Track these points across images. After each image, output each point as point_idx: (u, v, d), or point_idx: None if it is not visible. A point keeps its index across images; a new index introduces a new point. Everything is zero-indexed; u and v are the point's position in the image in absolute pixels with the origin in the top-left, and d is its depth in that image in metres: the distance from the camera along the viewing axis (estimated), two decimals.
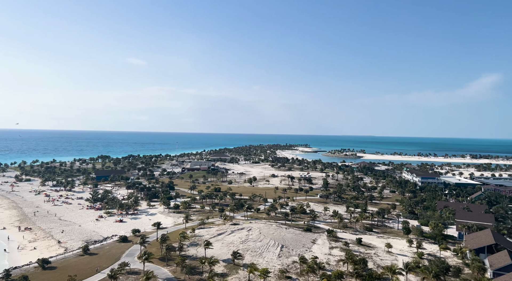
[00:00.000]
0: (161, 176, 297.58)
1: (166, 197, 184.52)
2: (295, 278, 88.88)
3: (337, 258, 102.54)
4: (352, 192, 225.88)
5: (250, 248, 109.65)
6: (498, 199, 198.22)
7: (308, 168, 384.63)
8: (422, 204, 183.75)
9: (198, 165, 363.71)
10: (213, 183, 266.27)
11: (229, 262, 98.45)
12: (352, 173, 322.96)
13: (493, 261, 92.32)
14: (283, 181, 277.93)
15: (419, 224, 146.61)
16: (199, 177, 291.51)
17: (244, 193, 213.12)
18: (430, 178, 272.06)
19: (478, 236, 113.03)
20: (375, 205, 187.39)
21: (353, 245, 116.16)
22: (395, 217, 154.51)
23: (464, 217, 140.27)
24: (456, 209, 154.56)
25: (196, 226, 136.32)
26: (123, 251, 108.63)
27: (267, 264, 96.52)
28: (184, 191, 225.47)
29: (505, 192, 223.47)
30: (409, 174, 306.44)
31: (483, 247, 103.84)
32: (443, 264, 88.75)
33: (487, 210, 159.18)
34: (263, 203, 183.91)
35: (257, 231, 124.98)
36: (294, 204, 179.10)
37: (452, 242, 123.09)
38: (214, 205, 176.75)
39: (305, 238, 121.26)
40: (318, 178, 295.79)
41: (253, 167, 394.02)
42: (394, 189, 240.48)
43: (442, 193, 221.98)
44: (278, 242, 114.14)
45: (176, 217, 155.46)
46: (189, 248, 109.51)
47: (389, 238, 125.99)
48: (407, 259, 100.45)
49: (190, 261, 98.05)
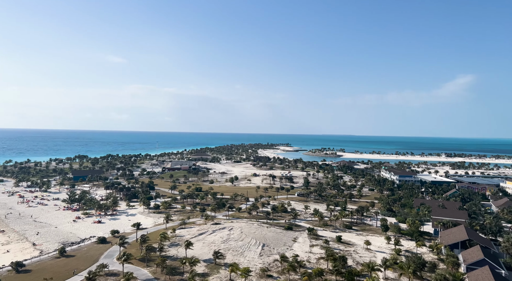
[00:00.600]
0: (141, 176, 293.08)
1: (146, 197, 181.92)
2: (276, 276, 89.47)
3: (318, 256, 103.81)
4: (332, 190, 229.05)
5: (232, 247, 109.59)
6: (471, 196, 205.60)
7: (289, 167, 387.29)
8: (399, 201, 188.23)
9: (179, 165, 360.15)
10: (194, 182, 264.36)
11: (210, 261, 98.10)
12: (332, 172, 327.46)
13: (466, 256, 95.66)
14: (265, 180, 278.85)
15: (397, 221, 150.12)
16: (180, 176, 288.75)
17: (226, 192, 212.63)
18: (407, 176, 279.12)
19: (452, 232, 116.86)
20: (355, 203, 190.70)
21: (333, 242, 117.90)
22: (373, 214, 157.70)
23: (440, 214, 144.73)
24: (432, 206, 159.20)
25: (177, 226, 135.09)
26: (101, 252, 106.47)
27: (248, 263, 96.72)
28: (165, 191, 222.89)
29: (477, 189, 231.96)
30: (387, 173, 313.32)
31: (457, 243, 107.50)
32: (419, 260, 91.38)
33: (461, 207, 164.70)
34: (244, 202, 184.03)
35: (238, 230, 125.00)
36: (275, 203, 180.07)
37: (428, 238, 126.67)
38: (195, 204, 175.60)
39: (286, 237, 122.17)
40: (299, 176, 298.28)
41: (235, 166, 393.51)
42: (373, 187, 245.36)
43: (418, 190, 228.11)
44: (259, 241, 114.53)
45: (156, 217, 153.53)
46: (169, 249, 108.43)
47: (368, 235, 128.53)
48: (385, 256, 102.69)
49: (170, 261, 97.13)
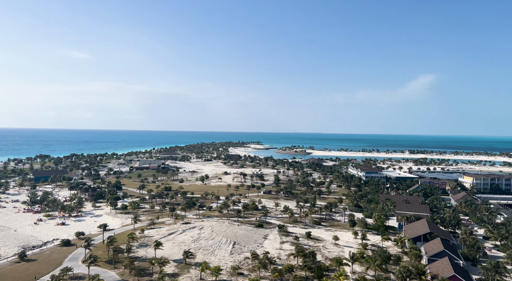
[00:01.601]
0: (108, 176, 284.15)
1: (113, 198, 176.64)
2: (247, 274, 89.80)
3: (288, 252, 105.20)
4: (302, 187, 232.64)
5: (202, 246, 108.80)
6: (433, 190, 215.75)
7: (260, 164, 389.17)
8: (366, 197, 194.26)
9: (147, 164, 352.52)
10: (163, 182, 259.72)
11: (180, 261, 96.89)
12: (302, 169, 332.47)
13: (428, 249, 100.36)
14: (236, 178, 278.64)
15: (363, 216, 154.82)
16: (148, 176, 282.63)
17: (196, 191, 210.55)
18: (373, 172, 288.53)
19: (415, 226, 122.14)
20: (324, 199, 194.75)
21: (303, 238, 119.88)
22: (341, 210, 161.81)
23: (404, 208, 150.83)
24: (397, 201, 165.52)
25: (145, 226, 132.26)
26: (65, 255, 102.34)
27: (219, 262, 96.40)
28: (133, 190, 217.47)
29: (438, 184, 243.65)
30: (354, 169, 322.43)
31: (419, 236, 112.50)
32: (385, 254, 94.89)
33: (423, 201, 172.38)
34: (215, 201, 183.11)
35: (209, 229, 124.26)
36: (246, 201, 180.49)
37: (393, 232, 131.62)
38: (164, 204, 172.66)
39: (257, 234, 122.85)
40: (269, 174, 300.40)
41: (205, 165, 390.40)
42: (341, 184, 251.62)
43: (384, 186, 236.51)
44: (230, 239, 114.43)
45: (124, 218, 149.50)
46: (138, 249, 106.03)
47: (336, 231, 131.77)
48: (352, 250, 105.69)
49: (139, 262, 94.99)
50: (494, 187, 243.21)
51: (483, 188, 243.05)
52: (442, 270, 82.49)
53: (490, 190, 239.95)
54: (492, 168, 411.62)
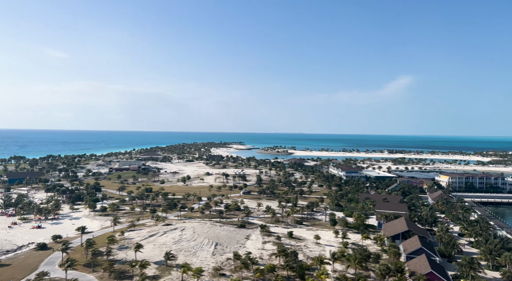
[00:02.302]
0: (86, 177, 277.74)
1: (91, 199, 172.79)
2: (229, 274, 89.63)
3: (270, 252, 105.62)
4: (284, 187, 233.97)
5: (184, 248, 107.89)
6: (411, 189, 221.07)
7: (243, 165, 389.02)
8: (347, 196, 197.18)
9: (128, 165, 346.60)
10: (144, 183, 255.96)
11: (161, 263, 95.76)
12: (283, 169, 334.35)
13: (406, 246, 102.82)
14: (218, 178, 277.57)
15: (344, 215, 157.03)
16: (128, 177, 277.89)
17: (178, 192, 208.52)
18: (353, 172, 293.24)
19: (394, 224, 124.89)
20: (305, 199, 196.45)
21: (285, 238, 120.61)
22: (323, 209, 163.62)
23: (383, 207, 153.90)
24: (376, 200, 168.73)
25: (125, 228, 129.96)
26: (41, 259, 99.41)
27: (201, 263, 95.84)
28: (112, 192, 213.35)
29: (416, 183, 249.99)
30: (335, 169, 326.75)
31: (398, 234, 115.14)
32: (365, 252, 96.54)
33: (402, 200, 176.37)
34: (197, 202, 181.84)
35: (191, 230, 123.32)
36: (228, 201, 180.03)
37: (372, 230, 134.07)
38: (145, 206, 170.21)
39: (239, 235, 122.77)
40: (252, 174, 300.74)
41: (187, 166, 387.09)
42: (322, 183, 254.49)
43: (364, 185, 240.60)
44: (212, 240, 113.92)
45: (103, 220, 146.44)
46: (118, 252, 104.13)
47: (318, 230, 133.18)
48: (333, 249, 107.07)
49: (119, 265, 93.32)
50: (468, 185, 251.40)
51: (458, 186, 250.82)
52: (419, 267, 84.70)
53: (464, 188, 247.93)
54: (467, 167, 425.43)
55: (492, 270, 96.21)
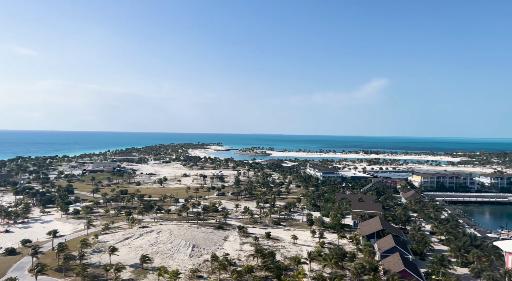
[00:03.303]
0: (58, 179, 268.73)
1: (63, 202, 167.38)
2: (207, 276, 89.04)
3: (248, 253, 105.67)
4: (262, 188, 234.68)
5: (160, 250, 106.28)
6: (385, 189, 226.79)
7: (221, 166, 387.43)
8: (323, 196, 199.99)
9: (102, 166, 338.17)
10: (119, 185, 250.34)
11: (137, 266, 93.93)
12: (262, 170, 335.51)
13: (380, 245, 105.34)
14: (195, 180, 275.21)
15: (321, 215, 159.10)
16: (103, 179, 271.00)
17: (154, 194, 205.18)
18: (330, 172, 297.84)
19: (369, 223, 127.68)
20: (283, 199, 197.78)
21: (263, 239, 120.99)
22: (300, 210, 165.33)
23: (358, 207, 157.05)
24: (352, 200, 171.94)
25: (99, 231, 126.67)
26: (9, 265, 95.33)
27: (178, 265, 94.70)
28: (86, 194, 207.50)
29: (390, 183, 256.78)
30: (312, 170, 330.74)
31: (373, 233, 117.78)
32: (341, 251, 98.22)
33: (376, 200, 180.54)
34: (174, 204, 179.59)
35: (167, 233, 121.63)
36: (206, 203, 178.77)
37: (348, 230, 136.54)
38: (120, 208, 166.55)
39: (217, 236, 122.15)
40: (230, 175, 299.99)
41: (164, 167, 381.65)
42: (299, 184, 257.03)
43: (340, 186, 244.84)
44: (189, 242, 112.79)
45: (76, 223, 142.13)
46: (91, 256, 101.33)
47: (295, 230, 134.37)
48: (310, 249, 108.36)
49: (92, 269, 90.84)
50: (439, 185, 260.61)
51: (430, 186, 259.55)
52: (393, 265, 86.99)
53: (436, 188, 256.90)
54: (438, 167, 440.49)
55: (461, 266, 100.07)
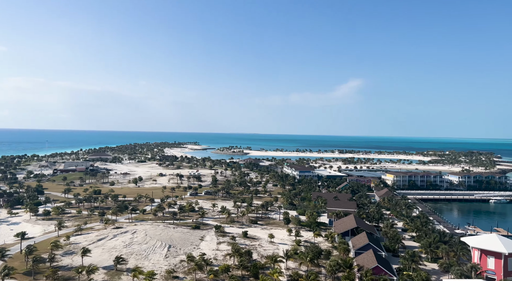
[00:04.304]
0: (27, 179, 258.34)
1: (33, 203, 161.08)
2: (183, 277, 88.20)
3: (225, 253, 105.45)
4: (239, 187, 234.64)
5: (135, 251, 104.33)
6: (359, 188, 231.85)
7: (198, 165, 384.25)
8: (300, 195, 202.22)
9: (74, 166, 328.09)
10: (92, 185, 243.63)
11: (111, 268, 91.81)
12: (239, 169, 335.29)
13: (355, 242, 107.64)
14: (172, 179, 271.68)
15: (297, 214, 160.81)
16: (75, 179, 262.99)
17: (129, 194, 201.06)
18: (306, 171, 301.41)
19: (344, 221, 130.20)
20: (260, 198, 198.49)
21: (240, 238, 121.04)
22: (277, 208, 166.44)
23: (334, 205, 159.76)
24: (327, 198, 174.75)
25: (71, 232, 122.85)
26: None
27: (153, 266, 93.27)
28: (57, 195, 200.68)
29: (364, 181, 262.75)
30: (289, 169, 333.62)
31: (347, 231, 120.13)
32: (316, 249, 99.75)
33: (351, 198, 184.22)
34: (150, 204, 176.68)
35: (142, 233, 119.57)
36: (183, 203, 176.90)
37: (324, 228, 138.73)
38: (93, 208, 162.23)
39: (193, 236, 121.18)
40: (207, 175, 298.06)
41: (139, 166, 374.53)
42: (277, 183, 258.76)
43: (316, 184, 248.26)
44: (165, 243, 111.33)
45: (46, 224, 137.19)
46: (63, 258, 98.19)
47: (272, 229, 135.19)
48: (287, 247, 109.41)
49: (63, 272, 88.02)
50: (411, 183, 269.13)
51: (402, 184, 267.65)
52: (367, 261, 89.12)
53: (408, 186, 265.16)
54: (410, 166, 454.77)
55: (431, 262, 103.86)
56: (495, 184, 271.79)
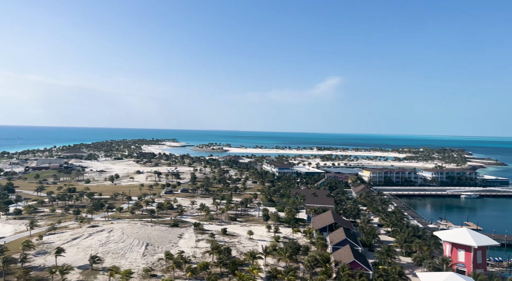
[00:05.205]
0: None
1: (3, 202, 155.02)
2: (161, 275, 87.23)
3: (204, 250, 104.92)
4: (219, 185, 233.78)
5: (112, 250, 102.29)
6: (337, 184, 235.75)
7: (176, 162, 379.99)
8: (279, 192, 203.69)
9: (47, 163, 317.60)
10: (66, 182, 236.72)
11: (86, 268, 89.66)
12: (218, 166, 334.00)
13: (332, 238, 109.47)
14: (150, 177, 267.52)
15: (276, 210, 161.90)
16: (48, 176, 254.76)
17: (105, 192, 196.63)
18: (285, 168, 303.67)
19: (322, 217, 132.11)
20: (240, 195, 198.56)
21: (219, 235, 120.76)
22: (256, 205, 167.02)
23: (312, 201, 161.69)
24: (306, 195, 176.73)
25: (44, 232, 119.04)
26: None
27: (130, 265, 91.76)
28: (29, 193, 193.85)
29: (341, 178, 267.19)
30: (268, 165, 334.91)
31: (325, 227, 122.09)
32: (295, 245, 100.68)
33: (329, 194, 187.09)
34: (127, 202, 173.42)
35: (119, 232, 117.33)
36: (161, 200, 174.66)
37: (302, 224, 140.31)
38: (67, 207, 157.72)
39: (171, 234, 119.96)
40: (186, 172, 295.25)
41: (116, 164, 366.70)
42: (256, 180, 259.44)
43: (295, 181, 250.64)
44: (142, 241, 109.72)
45: (17, 224, 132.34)
46: (35, 258, 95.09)
47: (251, 226, 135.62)
48: (266, 244, 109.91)
49: (36, 272, 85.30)
50: (387, 179, 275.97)
51: (378, 180, 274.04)
52: (344, 257, 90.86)
53: (384, 182, 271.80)
54: (386, 163, 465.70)
55: (405, 256, 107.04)
56: (466, 179, 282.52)
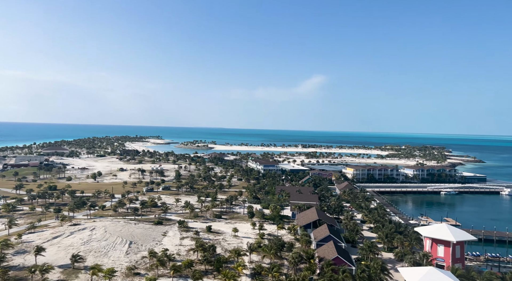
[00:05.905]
0: None
1: None
2: (144, 273, 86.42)
3: (188, 248, 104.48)
4: (204, 182, 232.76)
5: (94, 248, 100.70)
6: (321, 181, 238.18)
7: (160, 160, 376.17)
8: (264, 189, 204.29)
9: (27, 160, 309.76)
10: (47, 180, 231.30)
11: (67, 267, 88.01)
12: (203, 164, 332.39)
13: (316, 234, 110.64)
14: (133, 174, 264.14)
15: (261, 207, 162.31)
16: (27, 174, 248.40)
17: (87, 190, 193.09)
18: (270, 165, 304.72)
19: (306, 214, 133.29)
20: (225, 193, 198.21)
21: (204, 233, 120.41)
22: (241, 202, 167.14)
23: (296, 198, 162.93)
24: (291, 192, 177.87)
25: (23, 230, 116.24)
26: None
27: (113, 263, 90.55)
28: (7, 191, 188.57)
29: (326, 175, 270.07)
30: (253, 163, 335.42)
31: (309, 223, 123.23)
32: (279, 242, 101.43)
33: (313, 191, 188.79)
34: (109, 199, 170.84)
35: (102, 230, 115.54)
36: (145, 198, 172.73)
37: (287, 221, 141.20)
38: (48, 205, 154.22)
39: (155, 232, 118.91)
40: (170, 170, 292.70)
41: (98, 161, 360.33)
42: (241, 177, 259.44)
43: (280, 178, 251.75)
44: (126, 239, 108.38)
45: None
46: (14, 257, 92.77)
47: (236, 223, 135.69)
48: (250, 241, 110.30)
49: (15, 272, 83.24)
50: (370, 176, 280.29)
51: (362, 177, 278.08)
52: (328, 253, 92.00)
53: (367, 179, 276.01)
54: (369, 160, 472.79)
55: (387, 251, 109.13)
56: (446, 176, 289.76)
